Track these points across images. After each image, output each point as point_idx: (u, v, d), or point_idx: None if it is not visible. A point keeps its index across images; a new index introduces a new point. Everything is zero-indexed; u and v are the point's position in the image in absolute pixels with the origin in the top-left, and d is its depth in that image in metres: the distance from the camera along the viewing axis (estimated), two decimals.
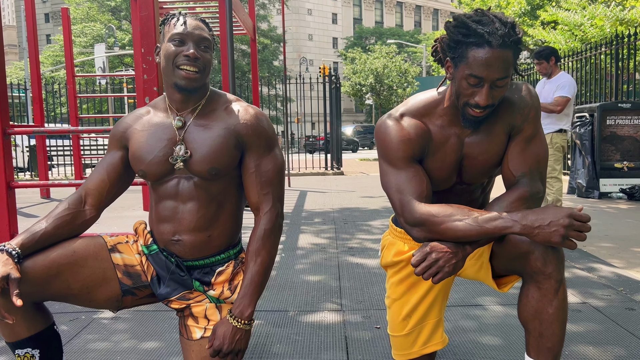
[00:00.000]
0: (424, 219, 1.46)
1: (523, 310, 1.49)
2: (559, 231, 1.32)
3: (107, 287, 1.59)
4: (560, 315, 1.44)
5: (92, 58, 24.67)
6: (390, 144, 1.56)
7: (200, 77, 1.57)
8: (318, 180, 10.34)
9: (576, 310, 2.63)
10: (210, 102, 1.66)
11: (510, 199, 1.50)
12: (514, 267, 1.51)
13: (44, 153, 7.70)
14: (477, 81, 1.42)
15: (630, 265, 3.50)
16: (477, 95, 1.44)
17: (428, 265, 1.41)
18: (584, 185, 6.98)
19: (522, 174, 1.55)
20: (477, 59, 1.40)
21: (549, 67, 4.78)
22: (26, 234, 1.52)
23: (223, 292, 1.65)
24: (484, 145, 1.59)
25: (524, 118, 1.57)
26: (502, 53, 1.40)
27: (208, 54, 1.59)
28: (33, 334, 1.52)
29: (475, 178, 1.66)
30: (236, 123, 1.61)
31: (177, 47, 1.56)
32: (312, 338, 2.35)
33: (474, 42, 1.41)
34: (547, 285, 1.42)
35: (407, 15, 57.95)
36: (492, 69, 1.40)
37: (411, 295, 1.78)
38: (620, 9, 9.90)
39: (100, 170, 1.67)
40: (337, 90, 12.10)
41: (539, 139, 1.60)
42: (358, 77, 32.91)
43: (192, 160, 1.59)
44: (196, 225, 1.62)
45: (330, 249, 4.12)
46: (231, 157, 1.60)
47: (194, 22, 1.59)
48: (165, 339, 2.36)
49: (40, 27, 45.78)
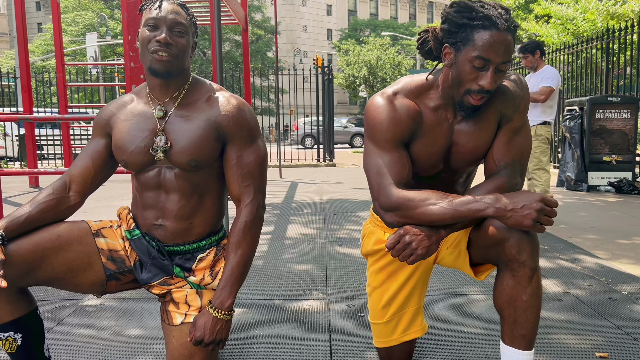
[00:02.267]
0: (400, 203, 1.46)
1: (498, 297, 1.50)
2: (531, 215, 1.34)
3: (91, 272, 1.60)
4: (534, 302, 1.46)
5: (83, 47, 24.45)
6: (380, 124, 1.55)
7: (174, 62, 1.55)
8: (310, 172, 10.34)
9: (558, 299, 2.66)
10: (193, 91, 1.65)
11: (488, 188, 1.52)
12: (490, 255, 1.52)
13: (32, 142, 7.64)
14: (482, 64, 1.42)
15: (614, 257, 3.54)
16: (481, 78, 1.43)
17: (402, 247, 1.42)
18: (573, 178, 7.03)
19: (504, 165, 1.56)
20: (484, 40, 1.40)
21: (535, 61, 4.86)
22: (10, 217, 1.52)
23: (204, 279, 1.65)
24: (474, 133, 1.59)
25: (515, 108, 1.58)
26: (506, 36, 1.41)
27: (183, 39, 1.57)
28: (16, 317, 1.52)
29: (461, 166, 1.66)
30: (217, 114, 1.60)
31: (151, 32, 1.54)
32: (296, 326, 2.36)
33: (480, 25, 1.41)
34: (521, 273, 1.44)
35: (402, 7, 57.78)
36: (498, 52, 1.41)
37: (391, 283, 1.79)
38: (612, 4, 9.92)
39: (85, 157, 1.67)
40: (330, 82, 12.07)
41: (525, 132, 1.61)
42: (352, 69, 32.85)
43: (172, 152, 1.58)
44: (178, 214, 1.63)
45: (319, 239, 4.13)
46: (212, 149, 1.60)
47: (169, 6, 1.56)
48: (149, 326, 2.37)
49: (32, 15, 45.26)
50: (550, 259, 3.46)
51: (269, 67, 20.69)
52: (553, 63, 9.56)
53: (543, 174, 4.77)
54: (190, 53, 1.63)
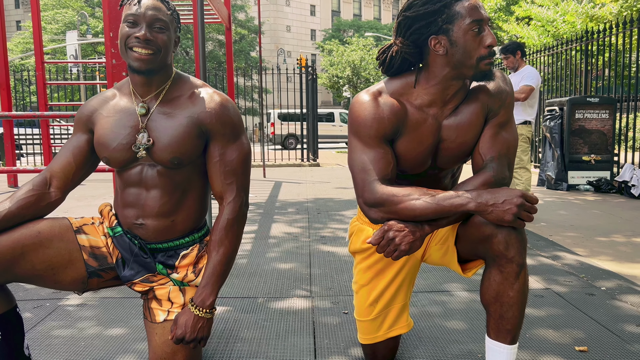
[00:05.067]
0: (384, 199, 1.47)
1: (485, 292, 1.52)
2: (511, 210, 1.36)
3: (72, 269, 1.58)
4: (520, 298, 1.47)
5: (63, 46, 24.08)
6: (364, 121, 1.55)
7: (154, 59, 1.54)
8: (294, 172, 10.33)
9: (539, 295, 2.70)
10: (175, 87, 1.63)
11: (476, 183, 1.53)
12: (478, 250, 1.54)
13: (11, 140, 7.50)
14: (478, 26, 1.47)
15: (593, 254, 3.60)
16: (485, 39, 1.48)
17: (385, 243, 1.43)
18: (553, 177, 7.14)
19: (490, 158, 1.57)
20: (467, 7, 1.47)
21: (515, 61, 4.98)
22: None
23: (187, 275, 1.64)
24: (462, 128, 1.60)
25: (502, 103, 1.61)
26: None
27: (163, 35, 1.55)
28: None
29: (449, 163, 1.67)
30: (200, 111, 1.58)
31: (130, 28, 1.53)
32: (280, 324, 2.35)
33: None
34: (508, 269, 1.45)
35: (385, 8, 58.06)
36: (481, 10, 1.48)
37: (378, 281, 1.80)
38: (591, 6, 10.10)
39: (66, 153, 1.65)
40: (314, 82, 12.08)
41: (511, 127, 1.63)
42: (335, 69, 32.90)
43: (154, 149, 1.57)
44: (159, 211, 1.61)
45: (303, 238, 4.13)
46: (194, 146, 1.58)
47: (149, 2, 1.54)
48: (130, 325, 2.34)
49: (10, 12, 44.44)
50: (532, 256, 3.51)
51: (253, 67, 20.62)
52: (534, 64, 9.69)
53: (524, 172, 4.84)
54: (172, 49, 1.60)
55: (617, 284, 2.89)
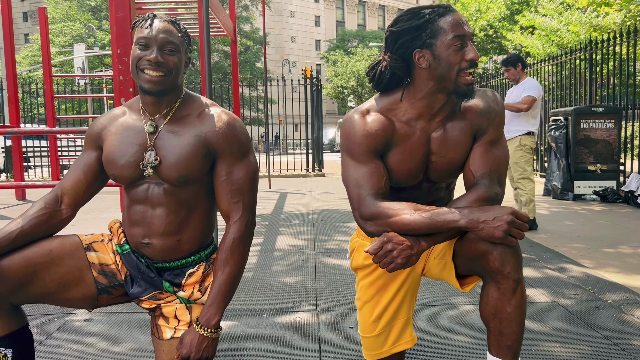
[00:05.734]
0: (379, 212, 1.51)
1: (483, 309, 1.53)
2: (502, 227, 1.39)
3: (83, 286, 1.60)
4: (518, 314, 1.48)
5: (71, 58, 24.32)
6: (354, 137, 1.60)
7: (165, 80, 1.56)
8: (299, 182, 10.35)
9: (544, 309, 2.70)
10: (184, 106, 1.65)
11: (469, 199, 1.55)
12: (474, 267, 1.55)
13: (19, 154, 7.57)
14: (461, 41, 1.51)
15: (600, 266, 3.59)
16: (467, 54, 1.52)
17: (383, 254, 1.46)
18: (559, 187, 7.12)
19: (481, 175, 1.60)
20: (451, 23, 1.51)
21: (517, 73, 5.04)
22: (2, 232, 1.51)
23: (193, 293, 1.66)
24: (450, 143, 1.63)
25: (490, 122, 1.63)
26: (459, 14, 1.54)
27: (174, 57, 1.57)
28: (7, 333, 1.52)
29: (441, 177, 1.69)
30: (207, 130, 1.60)
31: (142, 50, 1.55)
32: (286, 338, 2.36)
33: (437, 14, 1.52)
34: (505, 285, 1.47)
35: (389, 18, 58.31)
36: (464, 27, 1.52)
37: (381, 297, 1.81)
38: (595, 16, 10.12)
39: (77, 170, 1.67)
40: (319, 92, 12.14)
41: (501, 144, 1.66)
42: (340, 80, 33.03)
43: (161, 167, 1.59)
44: (165, 230, 1.62)
45: (308, 251, 4.14)
46: (200, 165, 1.60)
47: (160, 25, 1.56)
48: (138, 341, 2.36)
49: (18, 26, 45.00)
50: (537, 268, 3.50)
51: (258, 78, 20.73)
52: (538, 73, 9.71)
53: (528, 183, 4.85)
54: (183, 70, 1.63)
55: (624, 297, 2.88)
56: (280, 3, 47.92)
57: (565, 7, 12.05)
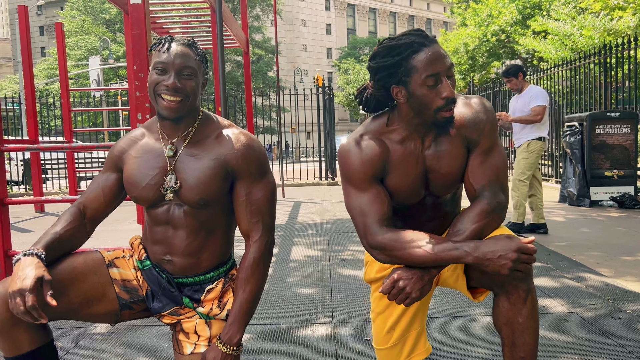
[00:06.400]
0: (385, 243, 1.52)
1: (496, 320, 1.54)
2: (507, 265, 1.39)
3: (106, 302, 1.63)
4: (530, 324, 1.48)
5: (86, 71, 24.72)
6: (352, 166, 1.61)
7: (183, 106, 1.58)
8: (312, 191, 10.38)
9: (563, 320, 2.67)
10: (202, 128, 1.67)
11: (473, 214, 1.55)
12: (483, 280, 1.56)
13: (38, 167, 7.70)
14: (434, 80, 1.49)
15: (619, 274, 3.55)
16: (442, 91, 1.50)
17: (396, 292, 1.48)
18: (575, 193, 7.05)
19: (482, 187, 1.60)
20: (423, 60, 1.48)
21: (519, 83, 5.07)
22: (44, 241, 1.55)
23: (212, 309, 1.68)
24: (445, 158, 1.63)
25: (480, 132, 1.62)
26: (436, 47, 1.50)
27: (192, 81, 1.59)
28: (34, 348, 1.54)
29: (443, 190, 1.70)
30: (226, 153, 1.62)
31: (159, 75, 1.56)
32: (303, 351, 2.37)
33: (411, 51, 1.49)
34: (515, 295, 1.47)
35: (400, 25, 58.39)
36: (439, 62, 1.48)
37: (394, 307, 1.82)
38: (608, 19, 10.05)
39: (97, 190, 1.71)
40: (331, 100, 12.18)
41: (496, 151, 1.64)
42: (352, 88, 33.09)
43: (182, 191, 1.62)
44: (185, 250, 1.66)
45: (323, 261, 4.15)
46: (220, 187, 1.63)
47: (178, 49, 1.57)
48: (157, 354, 2.38)
49: (35, 39, 45.85)
50: (555, 277, 3.47)
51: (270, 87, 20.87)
52: (552, 78, 9.65)
53: (522, 186, 4.95)
54: (200, 92, 1.65)
55: None
56: (291, 12, 48.25)
57: (579, 11, 11.98)
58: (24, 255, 1.47)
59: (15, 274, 1.41)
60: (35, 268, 1.42)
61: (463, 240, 1.48)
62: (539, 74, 10.05)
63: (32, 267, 1.42)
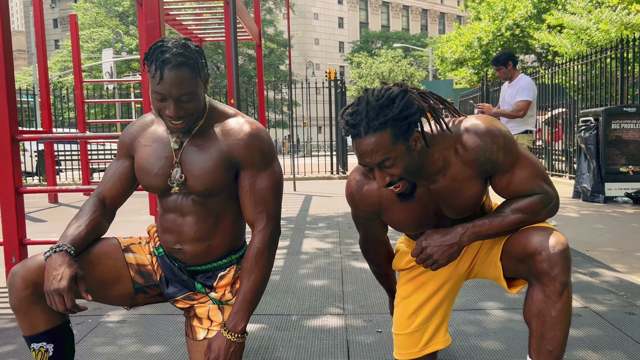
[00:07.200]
0: None
1: (527, 310, 1.52)
2: None
3: (120, 285, 1.68)
4: (563, 318, 1.46)
5: (99, 63, 24.89)
6: (352, 205, 1.76)
7: (188, 123, 1.58)
8: (324, 185, 10.37)
9: (576, 314, 2.65)
10: (209, 120, 1.66)
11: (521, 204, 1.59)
12: (521, 269, 1.55)
13: (52, 158, 7.78)
14: (370, 172, 1.52)
15: (633, 270, 3.51)
16: (378, 180, 1.50)
17: (424, 258, 1.56)
18: (589, 189, 6.97)
19: (530, 191, 1.59)
20: (357, 149, 1.45)
21: (508, 72, 4.90)
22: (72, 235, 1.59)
23: (225, 295, 1.72)
24: (454, 192, 1.60)
25: (494, 163, 1.56)
26: (369, 139, 1.41)
27: (192, 102, 1.54)
28: (50, 327, 1.59)
29: (459, 215, 1.67)
30: (229, 143, 1.62)
31: (160, 102, 1.52)
32: (315, 342, 2.38)
33: (352, 134, 1.46)
34: (551, 288, 1.45)
35: (413, 19, 57.99)
36: (368, 156, 1.43)
37: (419, 294, 1.83)
38: (625, 13, 9.89)
39: (113, 178, 1.75)
40: (343, 94, 12.15)
41: (520, 162, 1.58)
42: (364, 82, 32.98)
43: (187, 182, 1.64)
44: (195, 236, 1.68)
45: (334, 254, 4.15)
46: (224, 178, 1.64)
47: (171, 77, 1.48)
48: (169, 343, 2.40)
49: (49, 32, 46.22)
50: None
51: (282, 81, 20.86)
52: (567, 73, 9.53)
53: None
54: (204, 94, 1.61)
55: None
56: (303, 5, 48.11)
57: (595, 5, 11.80)
58: (54, 252, 1.51)
59: (49, 272, 1.47)
60: (68, 266, 1.48)
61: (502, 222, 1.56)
62: (553, 69, 9.93)
63: (65, 266, 1.47)
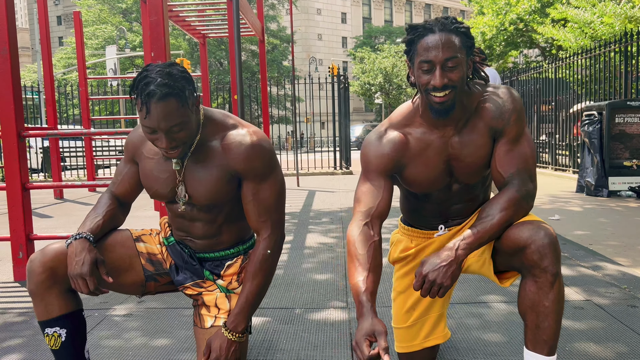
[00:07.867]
0: (348, 238, 1.61)
1: (521, 303, 1.55)
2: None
3: (132, 272, 1.74)
4: (556, 308, 1.49)
5: (103, 60, 24.93)
6: (367, 157, 1.69)
7: (183, 150, 1.58)
8: (327, 180, 10.39)
9: (579, 307, 2.67)
10: (206, 133, 1.65)
11: (502, 201, 1.56)
12: (513, 262, 1.57)
13: (57, 154, 7.83)
14: (428, 66, 1.53)
15: (636, 264, 3.51)
16: (432, 79, 1.53)
17: (428, 287, 1.49)
18: (592, 183, 6.97)
19: (510, 175, 1.61)
20: (423, 46, 1.53)
21: None
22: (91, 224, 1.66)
23: (231, 283, 1.78)
24: (469, 147, 1.65)
25: (506, 122, 1.63)
26: (442, 36, 1.52)
27: (184, 131, 1.53)
28: (64, 313, 1.63)
29: (469, 178, 1.71)
30: (230, 158, 1.63)
31: (151, 134, 1.52)
32: (318, 335, 2.40)
33: (420, 34, 1.55)
34: (543, 279, 1.48)
35: (416, 13, 57.78)
36: (437, 51, 1.51)
37: None
38: (630, 7, 9.84)
39: (123, 181, 1.81)
40: (346, 90, 12.14)
41: (524, 140, 1.65)
42: (367, 77, 32.91)
43: (192, 199, 1.69)
44: (204, 235, 1.76)
45: (338, 248, 4.17)
46: (228, 191, 1.68)
47: (158, 110, 1.45)
48: (175, 336, 2.43)
49: (53, 29, 46.32)
50: (571, 266, 3.45)
51: (285, 77, 20.86)
52: (571, 67, 9.50)
53: None
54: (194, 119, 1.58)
55: None
56: (306, 1, 48.00)
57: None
58: (74, 239, 1.58)
59: (72, 258, 1.55)
60: (88, 252, 1.55)
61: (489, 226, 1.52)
62: (557, 63, 9.89)
63: (86, 251, 1.55)
